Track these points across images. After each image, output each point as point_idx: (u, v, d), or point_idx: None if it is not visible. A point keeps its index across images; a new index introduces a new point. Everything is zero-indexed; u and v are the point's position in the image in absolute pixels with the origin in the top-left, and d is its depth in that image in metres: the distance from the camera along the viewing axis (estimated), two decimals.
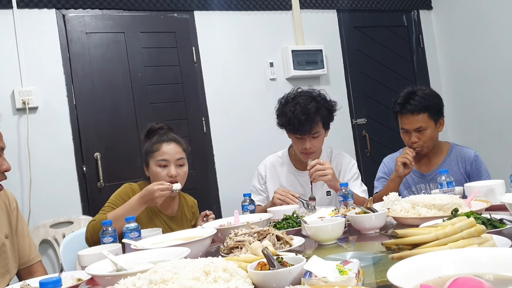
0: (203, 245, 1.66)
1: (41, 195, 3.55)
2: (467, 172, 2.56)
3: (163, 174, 2.32)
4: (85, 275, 1.54)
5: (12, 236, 1.94)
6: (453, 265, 0.98)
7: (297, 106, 2.49)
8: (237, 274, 1.16)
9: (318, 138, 2.55)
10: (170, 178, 2.31)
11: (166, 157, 2.34)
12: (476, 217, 1.46)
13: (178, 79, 4.15)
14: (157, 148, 2.37)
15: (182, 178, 2.37)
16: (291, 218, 1.98)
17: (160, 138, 2.41)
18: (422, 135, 2.53)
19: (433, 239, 1.26)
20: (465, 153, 2.60)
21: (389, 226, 1.86)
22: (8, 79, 3.55)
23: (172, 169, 2.33)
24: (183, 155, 2.40)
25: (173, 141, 2.40)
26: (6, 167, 1.83)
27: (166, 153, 2.35)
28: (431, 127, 2.53)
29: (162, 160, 2.34)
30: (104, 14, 3.92)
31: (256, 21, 4.50)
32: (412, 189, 2.64)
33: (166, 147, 2.36)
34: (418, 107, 2.50)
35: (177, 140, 2.43)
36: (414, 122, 2.52)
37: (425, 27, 5.28)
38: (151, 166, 2.38)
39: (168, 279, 1.08)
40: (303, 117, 2.46)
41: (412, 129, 2.53)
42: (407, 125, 2.55)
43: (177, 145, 2.40)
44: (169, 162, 2.34)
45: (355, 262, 1.12)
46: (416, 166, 2.66)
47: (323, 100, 2.57)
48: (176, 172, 2.33)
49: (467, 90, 4.97)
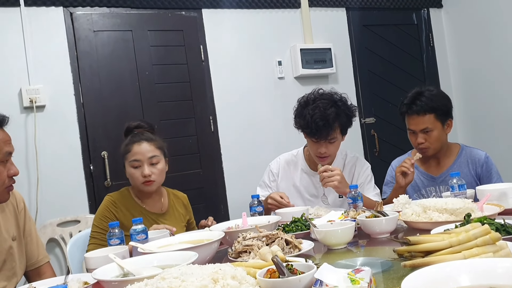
0: (211, 249, 1.64)
1: (48, 194, 3.55)
2: (477, 174, 2.52)
3: (137, 174, 2.31)
4: (91, 278, 1.53)
5: (20, 238, 1.94)
6: (469, 276, 0.95)
7: (316, 110, 2.43)
8: (246, 281, 1.14)
9: (334, 144, 2.51)
10: (144, 178, 2.30)
11: (137, 157, 2.32)
12: (490, 223, 1.43)
13: (186, 78, 4.13)
14: (129, 149, 2.34)
15: (158, 176, 2.35)
16: (300, 221, 1.96)
17: (132, 138, 2.38)
18: (428, 136, 2.49)
19: (446, 246, 1.23)
20: (475, 155, 2.55)
21: (400, 229, 1.84)
22: (16, 77, 3.55)
23: (145, 168, 2.30)
24: (156, 153, 2.35)
25: (144, 140, 2.36)
26: (14, 171, 1.82)
27: (138, 153, 2.32)
28: (438, 128, 2.50)
29: (135, 161, 2.32)
30: (112, 12, 3.91)
31: (264, 19, 4.47)
32: (421, 192, 2.61)
33: (137, 147, 2.33)
34: (424, 108, 2.48)
35: (149, 138, 2.38)
36: (420, 123, 2.49)
37: (435, 26, 5.22)
38: (126, 168, 2.36)
39: (176, 287, 1.07)
40: (321, 122, 2.41)
41: (418, 130, 2.51)
42: (413, 125, 2.52)
43: (149, 143, 2.36)
44: (141, 162, 2.31)
45: (367, 271, 1.09)
46: (426, 168, 2.63)
47: (344, 105, 2.51)
48: (149, 171, 2.30)
49: (477, 89, 4.91)
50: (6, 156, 1.77)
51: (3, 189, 1.79)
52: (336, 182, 2.33)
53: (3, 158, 1.76)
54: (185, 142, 4.08)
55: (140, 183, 2.31)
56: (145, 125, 2.49)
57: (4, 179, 1.77)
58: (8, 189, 1.81)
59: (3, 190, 1.79)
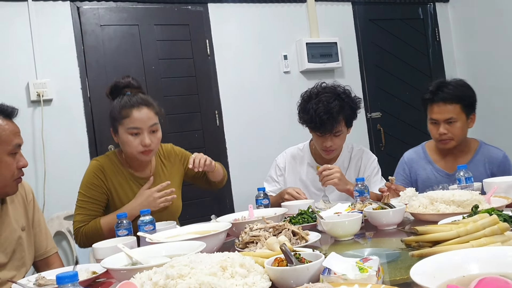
0: (218, 240, 1.65)
1: (55, 187, 3.57)
2: (493, 174, 2.39)
3: (135, 143, 2.13)
4: (99, 268, 1.54)
5: (29, 228, 1.96)
6: (478, 264, 0.96)
7: (320, 104, 2.43)
8: (254, 270, 1.15)
9: (340, 137, 2.51)
10: (144, 148, 2.13)
11: (138, 125, 2.12)
12: (498, 214, 1.43)
13: (192, 72, 4.13)
14: (127, 114, 2.13)
15: (156, 145, 2.19)
16: (306, 213, 1.96)
17: (130, 102, 2.15)
18: (451, 128, 2.37)
19: (454, 236, 1.23)
20: (492, 153, 2.44)
21: (407, 222, 1.84)
22: (23, 71, 3.56)
23: (146, 137, 2.12)
24: (156, 120, 2.18)
25: (144, 105, 2.15)
26: (23, 163, 1.82)
27: (138, 120, 2.12)
28: (462, 120, 2.38)
29: (134, 128, 2.13)
30: (118, 6, 3.91)
31: (270, 14, 4.47)
32: (433, 188, 2.55)
33: (137, 113, 2.13)
34: (451, 95, 2.35)
35: (148, 103, 2.18)
36: (445, 111, 2.36)
37: (441, 20, 5.20)
38: (120, 133, 2.17)
39: (185, 274, 1.07)
40: (325, 116, 2.40)
41: (442, 120, 2.37)
42: (437, 114, 2.38)
43: (149, 109, 2.16)
44: (141, 129, 2.13)
45: (375, 260, 1.10)
46: (441, 164, 2.53)
47: (348, 97, 2.50)
48: (150, 140, 2.13)
49: (483, 84, 4.87)
50: (15, 148, 1.79)
51: (13, 181, 1.80)
52: (336, 180, 2.34)
53: (13, 150, 1.78)
54: (190, 136, 4.09)
55: (137, 152, 2.15)
56: (135, 84, 2.27)
57: (13, 171, 1.79)
58: (17, 181, 1.83)
59: (13, 182, 1.81)
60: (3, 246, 1.81)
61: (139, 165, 2.28)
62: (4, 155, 1.75)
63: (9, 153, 1.77)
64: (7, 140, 1.76)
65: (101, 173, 2.21)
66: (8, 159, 1.76)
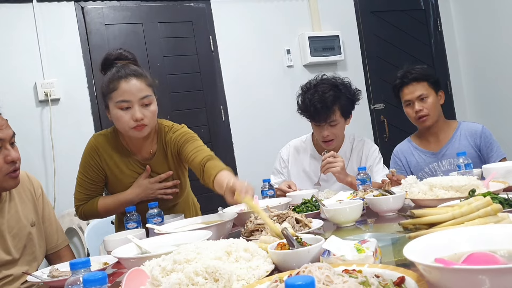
0: (225, 229, 1.70)
1: (65, 184, 3.63)
2: (476, 145, 2.61)
3: (126, 118, 1.96)
4: (111, 259, 1.59)
5: (39, 223, 1.99)
6: (469, 242, 1.00)
7: (316, 94, 2.52)
8: (258, 254, 1.20)
9: (337, 127, 2.57)
10: (135, 122, 1.97)
11: (126, 97, 1.95)
12: (493, 197, 1.47)
13: (196, 69, 4.19)
14: (115, 87, 1.96)
15: (150, 120, 2.02)
16: (310, 202, 2.01)
17: (117, 73, 1.98)
18: (425, 104, 2.61)
19: (449, 218, 1.28)
20: (472, 127, 2.66)
21: (407, 208, 1.88)
22: (30, 71, 3.64)
23: (137, 111, 1.96)
24: (148, 91, 2.00)
25: (133, 76, 1.98)
26: (12, 157, 1.75)
27: (127, 91, 1.95)
28: (432, 95, 2.63)
29: (123, 102, 1.96)
30: (122, 5, 3.97)
31: (272, 8, 4.51)
32: (425, 170, 2.67)
33: (125, 84, 1.96)
34: (417, 76, 2.63)
35: (138, 73, 2.00)
36: (415, 90, 2.62)
37: (443, 10, 5.21)
38: (111, 109, 2.01)
39: (192, 259, 1.13)
40: (319, 105, 2.48)
41: (414, 98, 2.62)
42: (409, 95, 2.64)
43: (139, 80, 1.99)
44: (131, 103, 1.96)
45: (372, 241, 1.15)
46: (425, 146, 2.73)
47: (345, 88, 2.57)
48: (141, 114, 1.96)
49: (486, 73, 4.91)
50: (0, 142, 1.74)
51: (4, 176, 1.76)
52: (338, 168, 2.39)
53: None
54: (197, 131, 4.04)
55: (129, 128, 1.99)
56: (128, 55, 2.12)
57: (0, 166, 1.74)
58: (10, 175, 1.78)
59: (4, 176, 1.77)
60: (14, 242, 1.84)
61: (137, 142, 2.13)
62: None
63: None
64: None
65: (95, 153, 2.12)
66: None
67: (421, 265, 0.85)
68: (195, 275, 1.06)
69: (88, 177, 2.16)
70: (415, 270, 0.93)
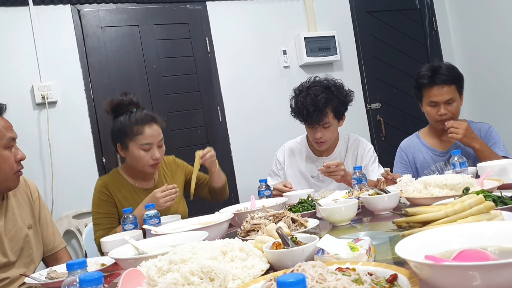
0: (221, 229, 1.72)
1: (63, 187, 3.65)
2: None
3: (147, 157, 2.28)
4: (108, 260, 1.61)
5: (36, 226, 2.01)
6: (460, 239, 1.01)
7: (308, 97, 2.54)
8: (253, 253, 1.21)
9: (329, 129, 2.58)
10: (154, 161, 2.28)
11: (150, 141, 2.28)
12: (487, 195, 1.49)
13: (193, 70, 4.20)
14: (140, 131, 2.27)
15: (162, 158, 2.37)
16: (306, 202, 2.02)
17: (141, 119, 2.29)
18: (451, 107, 2.50)
19: (442, 216, 1.29)
20: (480, 127, 2.59)
21: (402, 206, 1.89)
22: (27, 74, 3.64)
23: (156, 152, 2.29)
24: (162, 135, 2.35)
25: (154, 122, 2.32)
26: (21, 156, 1.88)
27: (150, 136, 2.28)
28: (458, 100, 2.52)
29: (146, 144, 2.28)
30: (118, 7, 3.98)
31: (268, 9, 4.52)
32: (431, 168, 2.64)
33: (149, 130, 2.29)
34: (449, 77, 2.48)
35: (156, 119, 2.35)
36: (445, 93, 2.48)
37: (438, 9, 5.23)
38: (132, 149, 2.29)
39: (188, 259, 1.14)
40: (312, 108, 2.50)
41: (442, 101, 2.50)
42: (438, 97, 2.50)
43: (158, 125, 2.34)
44: (152, 145, 2.29)
45: (366, 240, 1.16)
46: (434, 144, 2.66)
47: (337, 90, 2.58)
48: (159, 154, 2.31)
49: (481, 71, 4.92)
50: (10, 141, 1.84)
51: (13, 174, 1.85)
52: (339, 177, 2.40)
53: (8, 143, 1.83)
54: (194, 133, 4.16)
55: (148, 166, 2.30)
56: (135, 100, 2.40)
57: (12, 164, 1.84)
58: (17, 174, 1.87)
59: (13, 175, 1.85)
60: (11, 245, 1.86)
61: (144, 177, 2.42)
62: (1, 149, 1.81)
63: (5, 147, 1.82)
64: (1, 135, 1.81)
65: (105, 189, 2.34)
66: (5, 153, 1.82)
67: (412, 262, 0.86)
68: (191, 275, 1.07)
69: (103, 212, 2.31)
70: (408, 268, 0.94)
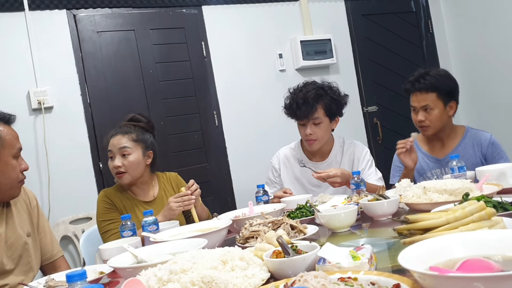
0: (220, 236, 1.71)
1: (59, 192, 3.63)
2: (483, 155, 2.54)
3: (111, 166, 2.38)
4: (106, 268, 1.60)
5: (34, 234, 2.01)
6: (463, 247, 1.01)
7: (300, 93, 2.60)
8: (253, 262, 1.21)
9: (320, 126, 2.59)
10: (115, 169, 2.35)
11: (110, 148, 2.39)
12: (487, 201, 1.48)
13: (189, 74, 4.19)
14: (107, 141, 2.42)
15: (129, 168, 2.36)
16: (304, 208, 2.01)
17: (113, 132, 2.44)
18: (428, 115, 2.53)
19: (444, 223, 1.29)
20: (480, 136, 2.58)
21: (402, 212, 1.89)
22: (23, 80, 3.62)
23: (116, 160, 2.35)
24: (128, 144, 2.38)
25: (120, 133, 2.41)
26: (25, 166, 1.93)
27: (111, 144, 2.39)
28: (439, 108, 2.53)
29: (109, 151, 2.39)
30: (114, 12, 3.97)
31: (263, 13, 4.52)
32: (427, 174, 2.64)
33: (111, 139, 2.40)
34: (427, 85, 2.52)
35: (126, 131, 2.41)
36: (421, 100, 2.53)
37: (434, 12, 5.24)
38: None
39: (188, 269, 1.13)
40: (301, 101, 2.55)
41: (419, 107, 2.55)
42: (415, 102, 2.57)
43: (123, 135, 2.40)
44: (113, 153, 2.37)
45: (367, 248, 1.15)
46: (430, 150, 2.67)
47: (330, 90, 2.63)
48: (120, 162, 2.34)
49: (477, 74, 4.94)
50: (18, 151, 1.89)
51: (17, 183, 1.89)
52: (337, 185, 2.41)
53: (17, 153, 1.88)
54: (190, 137, 4.15)
55: (114, 175, 2.39)
56: (142, 119, 2.53)
57: (18, 174, 1.88)
58: (21, 183, 1.92)
59: (17, 184, 1.90)
60: (10, 252, 1.86)
61: (139, 189, 2.47)
62: (10, 158, 1.85)
63: (14, 156, 1.87)
64: (12, 144, 1.86)
65: (107, 198, 2.41)
66: (13, 162, 1.86)
67: (416, 273, 0.85)
68: (192, 285, 1.06)
69: (108, 219, 2.37)
70: (410, 276, 0.94)
